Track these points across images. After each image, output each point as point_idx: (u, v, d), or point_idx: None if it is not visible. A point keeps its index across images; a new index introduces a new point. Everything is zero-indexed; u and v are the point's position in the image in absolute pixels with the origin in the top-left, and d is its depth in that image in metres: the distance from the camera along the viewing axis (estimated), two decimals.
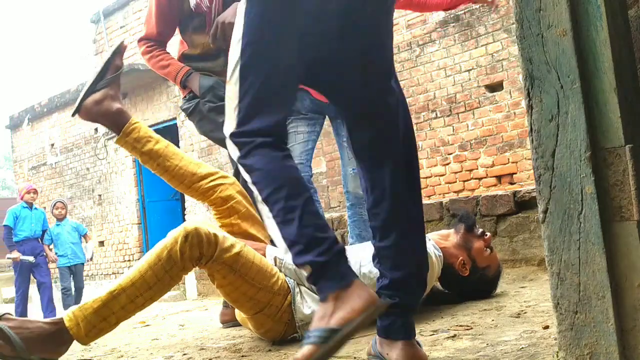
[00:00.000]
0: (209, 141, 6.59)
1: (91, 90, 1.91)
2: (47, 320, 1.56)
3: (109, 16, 10.30)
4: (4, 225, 7.37)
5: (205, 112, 2.55)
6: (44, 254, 7.54)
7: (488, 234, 2.29)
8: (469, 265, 2.19)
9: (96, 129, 10.65)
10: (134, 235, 10.08)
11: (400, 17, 6.69)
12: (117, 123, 1.94)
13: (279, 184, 1.19)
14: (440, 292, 2.32)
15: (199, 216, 8.81)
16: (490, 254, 2.25)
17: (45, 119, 11.74)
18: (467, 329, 1.81)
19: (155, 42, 2.67)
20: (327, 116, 2.99)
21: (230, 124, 1.26)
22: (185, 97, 2.65)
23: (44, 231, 7.62)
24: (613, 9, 0.96)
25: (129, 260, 10.16)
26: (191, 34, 2.64)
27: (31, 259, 7.24)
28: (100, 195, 10.68)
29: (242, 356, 1.80)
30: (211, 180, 2.04)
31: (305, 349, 1.11)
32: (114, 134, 1.96)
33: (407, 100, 5.63)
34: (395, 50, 6.71)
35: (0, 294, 12.07)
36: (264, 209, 1.22)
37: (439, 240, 2.20)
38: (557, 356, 1.01)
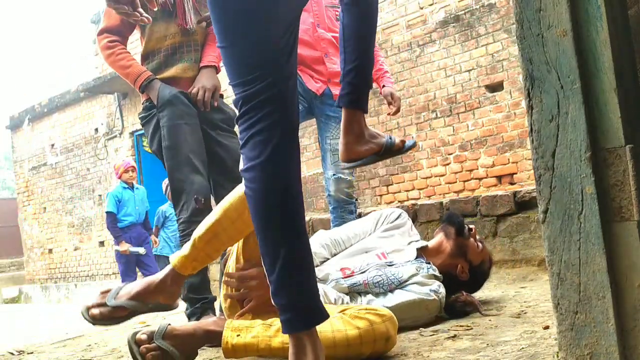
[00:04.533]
0: None
1: None
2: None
3: None
4: (107, 212, 6.32)
5: (159, 126, 2.44)
6: (149, 240, 6.49)
7: (472, 227, 2.28)
8: (467, 269, 2.20)
9: (96, 129, 10.66)
10: None
11: (401, 18, 6.70)
12: None
13: None
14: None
15: None
16: (482, 249, 2.26)
17: (45, 119, 11.74)
18: (467, 329, 1.81)
19: (117, 36, 2.52)
20: (314, 118, 3.00)
21: None
22: (143, 103, 2.54)
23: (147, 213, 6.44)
24: (613, 9, 0.96)
25: None
26: (152, 26, 2.49)
27: (142, 250, 6.28)
28: (100, 196, 10.68)
29: None
30: None
31: None
32: (114, 135, 1.94)
33: (408, 100, 5.63)
34: (395, 51, 6.72)
35: (0, 294, 12.07)
36: None
37: (435, 257, 2.18)
38: (557, 356, 1.01)
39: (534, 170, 0.99)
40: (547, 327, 1.67)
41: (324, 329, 1.45)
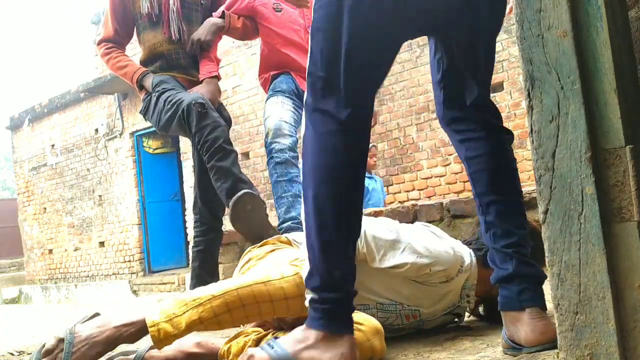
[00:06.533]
0: None
1: None
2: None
3: None
4: None
5: (156, 101, 2.51)
6: None
7: None
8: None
9: (96, 130, 10.66)
10: (134, 235, 10.08)
11: None
12: None
13: None
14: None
15: None
16: None
17: (45, 119, 11.75)
18: (467, 330, 1.81)
19: (114, 43, 2.64)
20: None
21: None
22: (143, 99, 2.63)
23: None
24: (613, 10, 0.96)
25: (129, 261, 10.16)
26: (142, 34, 2.64)
27: None
28: (100, 196, 10.68)
29: None
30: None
31: (262, 354, 1.19)
32: (114, 135, 1.92)
33: (408, 101, 5.60)
34: None
35: (0, 294, 12.07)
36: None
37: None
38: (558, 357, 1.01)
39: (534, 171, 0.99)
40: None
41: None
